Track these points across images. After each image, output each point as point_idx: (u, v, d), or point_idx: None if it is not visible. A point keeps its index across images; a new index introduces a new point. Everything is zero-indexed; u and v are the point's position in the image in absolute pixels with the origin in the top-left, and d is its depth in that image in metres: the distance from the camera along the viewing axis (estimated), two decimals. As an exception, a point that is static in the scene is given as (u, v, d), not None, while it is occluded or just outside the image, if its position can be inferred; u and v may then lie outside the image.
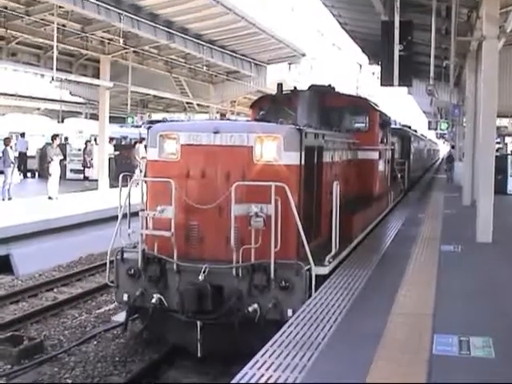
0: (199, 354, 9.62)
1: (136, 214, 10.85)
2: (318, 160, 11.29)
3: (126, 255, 10.59)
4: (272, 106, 15.16)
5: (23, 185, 33.20)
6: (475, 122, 22.57)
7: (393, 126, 28.76)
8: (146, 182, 11.03)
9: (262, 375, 5.99)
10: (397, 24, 14.69)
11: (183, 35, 30.84)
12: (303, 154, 10.17)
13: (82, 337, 12.14)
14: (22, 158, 38.16)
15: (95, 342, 11.60)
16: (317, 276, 9.63)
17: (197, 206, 10.03)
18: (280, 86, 15.20)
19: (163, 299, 9.96)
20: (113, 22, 26.31)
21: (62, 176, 29.67)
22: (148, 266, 10.24)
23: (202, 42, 32.60)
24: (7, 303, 14.69)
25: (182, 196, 10.10)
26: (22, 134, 40.24)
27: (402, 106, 70.23)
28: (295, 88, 15.99)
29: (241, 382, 5.83)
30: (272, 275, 9.47)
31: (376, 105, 17.34)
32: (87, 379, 10.16)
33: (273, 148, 9.99)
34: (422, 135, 49.86)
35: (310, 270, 9.57)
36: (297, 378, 5.93)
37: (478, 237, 14.58)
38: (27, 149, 39.47)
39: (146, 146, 12.63)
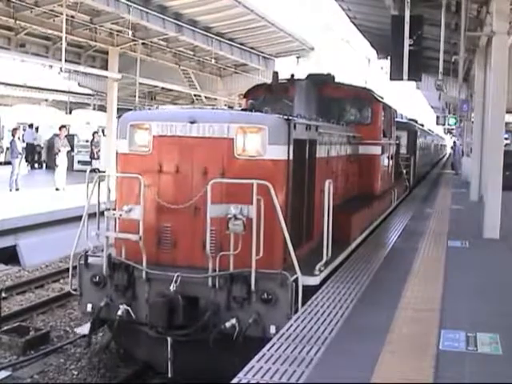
0: (170, 374, 8.62)
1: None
2: (311, 155, 10.20)
3: (90, 260, 9.42)
4: (267, 96, 14.00)
5: (31, 176, 33.25)
6: (483, 117, 22.50)
7: (398, 119, 28.57)
8: (116, 177, 9.86)
9: (270, 368, 5.99)
10: (407, 19, 14.71)
11: (192, 27, 30.84)
12: (292, 147, 9.03)
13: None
14: (30, 148, 38.23)
15: (101, 334, 11.63)
16: (306, 287, 8.53)
17: (169, 206, 8.95)
18: (275, 74, 13.83)
19: (131, 311, 8.85)
20: (122, 13, 26.36)
21: (70, 167, 29.71)
22: (114, 274, 9.09)
23: (210, 35, 32.61)
24: (14, 294, 14.75)
25: (153, 194, 9.05)
26: (31, 125, 40.30)
27: (410, 100, 70.06)
28: (292, 76, 14.62)
29: (248, 375, 5.83)
30: (253, 286, 8.34)
31: (379, 96, 16.26)
32: (93, 370, 10.18)
33: (256, 141, 8.82)
34: (430, 130, 49.59)
35: (297, 280, 8.41)
36: (304, 371, 5.93)
37: (485, 233, 14.55)
38: (35, 139, 39.55)
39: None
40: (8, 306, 13.65)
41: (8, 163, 26.00)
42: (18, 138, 27.30)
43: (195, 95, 45.02)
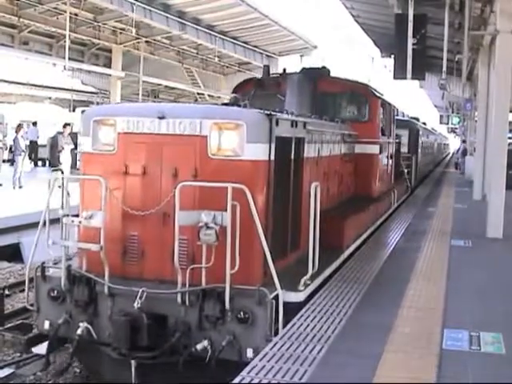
0: None
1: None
2: (297, 154, 9.26)
3: (49, 272, 8.54)
4: (258, 91, 12.91)
5: (34, 173, 33.26)
6: (487, 116, 22.50)
7: (399, 117, 28.25)
8: (79, 180, 8.85)
9: (272, 367, 5.99)
10: (411, 17, 14.72)
11: (195, 26, 30.87)
12: (274, 146, 8.03)
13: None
14: (33, 146, 38.25)
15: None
16: (289, 304, 7.67)
17: (132, 212, 8.00)
18: (266, 68, 13.16)
19: (91, 330, 7.91)
20: (125, 11, 26.41)
21: (73, 165, 29.73)
22: (74, 288, 8.12)
23: (214, 33, 32.66)
24: (17, 291, 14.75)
25: (118, 199, 8.10)
26: (34, 123, 40.32)
27: (414, 100, 70.05)
28: (284, 70, 13.95)
29: (250, 373, 5.82)
30: (227, 304, 7.38)
31: (378, 92, 15.43)
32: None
33: (233, 138, 7.87)
34: (433, 129, 49.44)
35: (278, 297, 7.44)
36: (306, 370, 5.93)
37: (488, 232, 14.53)
38: (38, 137, 39.56)
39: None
40: (11, 304, 13.66)
41: (11, 161, 25.99)
42: (22, 136, 27.30)
43: (198, 93, 45.08)
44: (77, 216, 8.25)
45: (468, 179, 30.55)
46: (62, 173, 9.52)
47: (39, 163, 39.68)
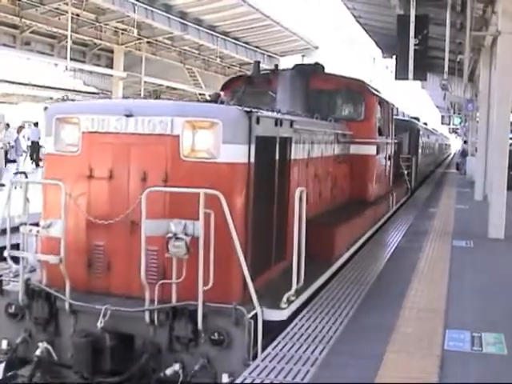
0: None
1: None
2: (283, 156, 8.52)
3: (8, 286, 7.69)
4: (248, 89, 12.10)
5: (35, 174, 33.23)
6: (488, 117, 22.49)
7: (400, 117, 27.41)
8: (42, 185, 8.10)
9: (274, 367, 6.00)
10: (412, 18, 14.72)
11: (197, 26, 30.91)
12: (254, 147, 7.29)
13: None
14: (35, 147, 38.26)
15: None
16: (271, 323, 7.01)
17: (95, 221, 7.28)
18: (257, 64, 12.46)
19: (52, 350, 7.13)
20: (127, 12, 26.44)
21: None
22: (33, 303, 7.32)
23: (215, 34, 32.69)
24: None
25: (80, 206, 7.40)
26: (36, 124, 40.35)
27: (416, 100, 70.06)
28: (276, 67, 13.36)
29: (253, 373, 5.83)
30: (200, 324, 6.66)
31: (375, 89, 14.72)
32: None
33: (208, 138, 7.13)
34: (434, 129, 49.33)
35: (258, 315, 6.83)
36: (309, 370, 5.94)
37: (490, 232, 14.53)
38: (39, 138, 39.59)
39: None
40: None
41: (13, 161, 26.01)
42: (23, 136, 27.33)
43: (200, 94, 45.02)
44: (37, 225, 7.46)
45: (469, 180, 30.53)
46: (26, 176, 8.42)
47: (41, 164, 39.69)
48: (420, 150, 28.77)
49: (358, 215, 12.32)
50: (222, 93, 12.04)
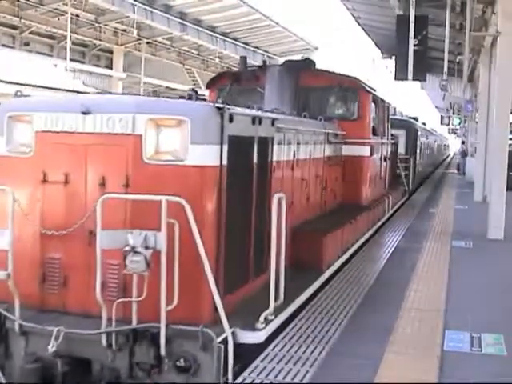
0: None
1: None
2: (263, 158, 7.73)
3: None
4: (235, 86, 11.69)
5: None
6: (488, 117, 22.50)
7: (397, 117, 27.31)
8: None
9: (274, 368, 5.99)
10: (412, 18, 14.73)
11: (196, 27, 30.96)
12: (227, 148, 6.54)
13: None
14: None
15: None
16: (246, 346, 6.32)
17: (45, 232, 6.57)
18: (243, 59, 11.74)
19: (1, 375, 6.36)
20: (126, 12, 26.47)
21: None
22: None
23: (215, 34, 32.71)
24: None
25: (33, 214, 6.64)
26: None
27: (415, 101, 70.10)
28: (264, 62, 12.70)
29: (252, 374, 5.83)
30: (163, 349, 5.92)
31: (369, 86, 13.90)
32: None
33: (174, 138, 6.38)
34: (433, 129, 49.18)
35: (233, 337, 6.09)
36: (308, 371, 5.93)
37: (489, 233, 14.53)
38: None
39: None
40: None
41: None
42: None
43: (200, 94, 44.90)
44: None
45: (469, 180, 30.52)
46: None
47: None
48: (418, 151, 28.11)
49: (351, 221, 11.46)
50: (199, 90, 11.36)
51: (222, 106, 6.57)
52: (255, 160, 7.47)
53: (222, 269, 6.47)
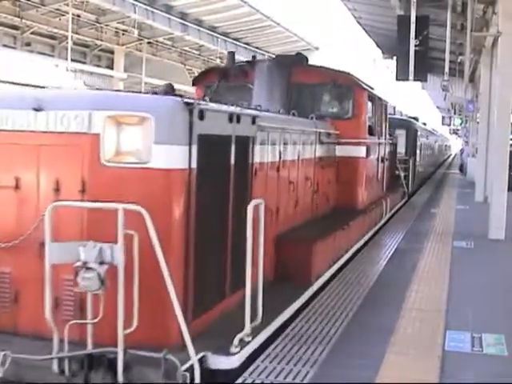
0: None
1: None
2: (242, 159, 7.08)
3: None
4: (223, 82, 11.11)
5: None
6: (489, 118, 22.50)
7: (397, 116, 26.95)
8: None
9: (274, 368, 5.98)
10: (413, 19, 14.72)
11: (198, 27, 30.98)
12: (197, 148, 5.86)
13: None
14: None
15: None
16: (219, 372, 5.65)
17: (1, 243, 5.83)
18: (231, 54, 11.33)
19: None
20: (127, 12, 26.48)
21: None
22: None
23: (216, 34, 32.71)
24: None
25: None
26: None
27: (416, 101, 70.03)
28: (254, 58, 12.12)
29: (253, 374, 5.81)
30: (120, 377, 5.16)
31: (365, 84, 13.18)
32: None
33: (136, 138, 5.65)
34: (433, 129, 49.02)
35: (202, 361, 5.47)
36: (309, 371, 5.93)
37: (490, 233, 14.52)
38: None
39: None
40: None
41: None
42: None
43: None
44: None
45: (470, 181, 30.50)
46: None
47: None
48: (418, 151, 27.61)
49: (344, 226, 10.77)
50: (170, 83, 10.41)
51: (191, 101, 5.87)
52: (232, 162, 6.77)
53: (191, 285, 5.82)
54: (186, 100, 5.80)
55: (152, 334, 5.40)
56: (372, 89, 13.71)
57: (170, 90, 6.30)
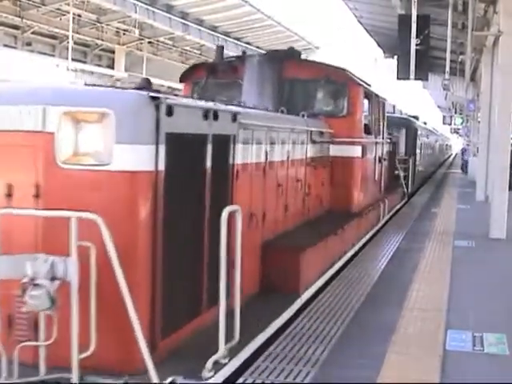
0: None
1: None
2: (221, 161, 6.39)
3: None
4: (211, 79, 10.56)
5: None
6: (490, 117, 22.50)
7: (397, 115, 26.63)
8: None
9: (275, 368, 5.97)
10: (414, 18, 14.72)
11: (198, 26, 30.98)
12: (165, 148, 5.21)
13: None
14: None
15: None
16: None
17: None
18: (220, 49, 10.76)
19: None
20: (128, 12, 26.47)
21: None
22: None
23: (217, 34, 32.70)
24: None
25: None
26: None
27: (417, 101, 70.03)
28: (244, 52, 11.52)
29: (253, 374, 5.80)
30: None
31: (362, 80, 12.61)
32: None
33: (95, 136, 5.01)
34: (434, 129, 48.86)
35: None
36: (309, 371, 5.91)
37: (491, 233, 14.51)
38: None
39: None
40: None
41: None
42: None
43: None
44: None
45: (471, 180, 30.47)
46: None
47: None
48: (418, 151, 27.27)
49: (336, 231, 10.13)
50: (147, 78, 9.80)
51: (157, 95, 5.20)
52: (209, 163, 6.06)
53: (159, 301, 5.21)
54: (151, 94, 5.15)
55: (112, 358, 4.85)
56: (369, 85, 13.23)
57: (145, 85, 5.58)
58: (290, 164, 9.07)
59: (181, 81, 11.85)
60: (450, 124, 55.36)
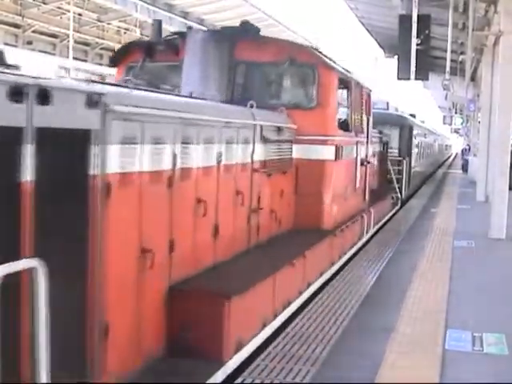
0: None
1: None
2: (65, 171, 4.11)
3: None
4: (147, 61, 8.31)
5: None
6: (490, 117, 22.49)
7: (391, 111, 24.52)
8: None
9: (275, 367, 5.98)
10: (414, 18, 14.70)
11: (199, 26, 31.00)
12: None
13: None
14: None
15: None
16: None
17: None
18: (157, 23, 8.61)
19: None
20: (129, 11, 26.48)
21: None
22: None
23: (217, 33, 32.72)
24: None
25: None
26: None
27: (418, 100, 70.07)
28: (189, 28, 9.37)
29: (253, 373, 5.80)
30: None
31: (334, 61, 10.30)
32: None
33: None
34: (433, 128, 48.38)
35: None
36: (309, 370, 5.92)
37: (491, 233, 14.51)
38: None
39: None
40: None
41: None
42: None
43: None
44: None
45: (471, 180, 30.46)
46: None
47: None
48: (414, 151, 24.73)
49: (294, 260, 7.71)
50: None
51: None
52: (28, 176, 3.75)
53: None
54: None
55: None
56: (347, 71, 10.99)
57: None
58: (223, 171, 6.76)
59: (113, 64, 9.68)
60: (451, 124, 55.31)
